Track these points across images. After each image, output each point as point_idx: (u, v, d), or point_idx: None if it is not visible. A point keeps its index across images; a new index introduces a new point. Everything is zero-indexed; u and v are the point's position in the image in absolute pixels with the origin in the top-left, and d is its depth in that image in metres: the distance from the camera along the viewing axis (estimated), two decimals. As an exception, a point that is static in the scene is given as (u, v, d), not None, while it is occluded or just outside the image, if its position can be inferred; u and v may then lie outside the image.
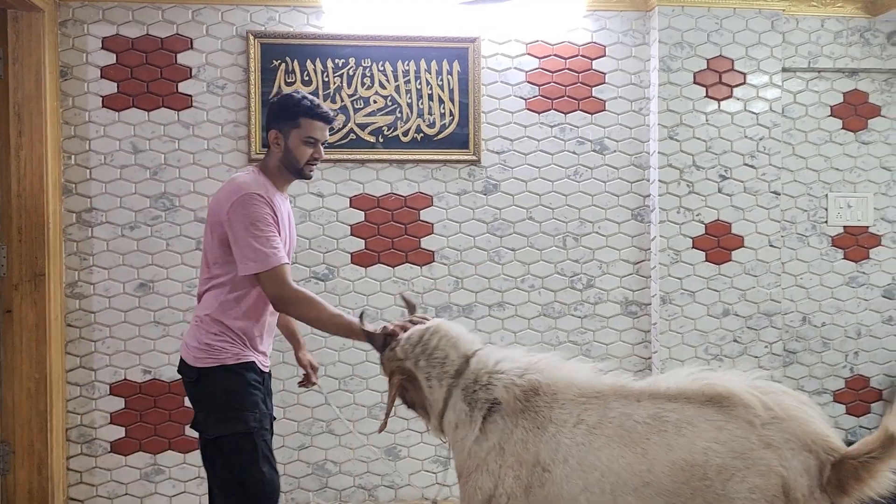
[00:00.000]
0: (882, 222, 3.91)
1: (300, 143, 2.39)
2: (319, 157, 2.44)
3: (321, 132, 2.42)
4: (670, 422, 1.89)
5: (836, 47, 3.80)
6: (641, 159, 3.74)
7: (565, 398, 2.01)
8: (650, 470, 1.86)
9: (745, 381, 1.92)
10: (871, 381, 3.91)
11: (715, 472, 1.81)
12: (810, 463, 1.80)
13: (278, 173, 2.43)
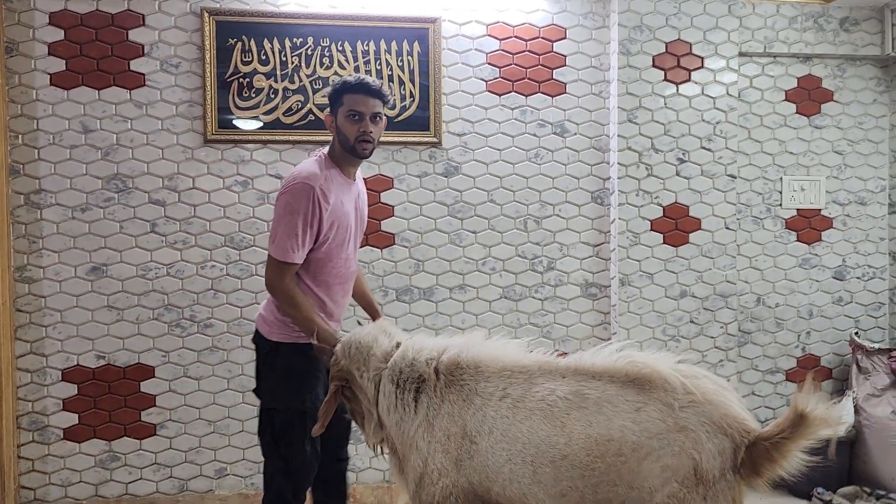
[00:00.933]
0: (833, 205, 4.00)
1: (346, 119, 2.41)
2: (368, 131, 2.41)
3: (365, 104, 2.41)
4: (591, 399, 1.93)
5: (790, 32, 3.86)
6: (601, 142, 3.77)
7: (490, 372, 2.05)
8: (568, 443, 1.90)
9: (669, 364, 1.96)
10: (822, 360, 4.01)
11: (630, 450, 1.86)
12: (725, 445, 1.84)
13: (339, 157, 2.47)
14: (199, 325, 3.48)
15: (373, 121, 2.43)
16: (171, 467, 3.48)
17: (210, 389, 3.49)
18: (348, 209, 2.47)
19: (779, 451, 1.82)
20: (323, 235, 2.40)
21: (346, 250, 2.50)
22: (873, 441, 3.67)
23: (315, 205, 2.34)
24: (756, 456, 1.84)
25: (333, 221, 2.41)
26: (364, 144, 2.42)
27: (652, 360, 1.97)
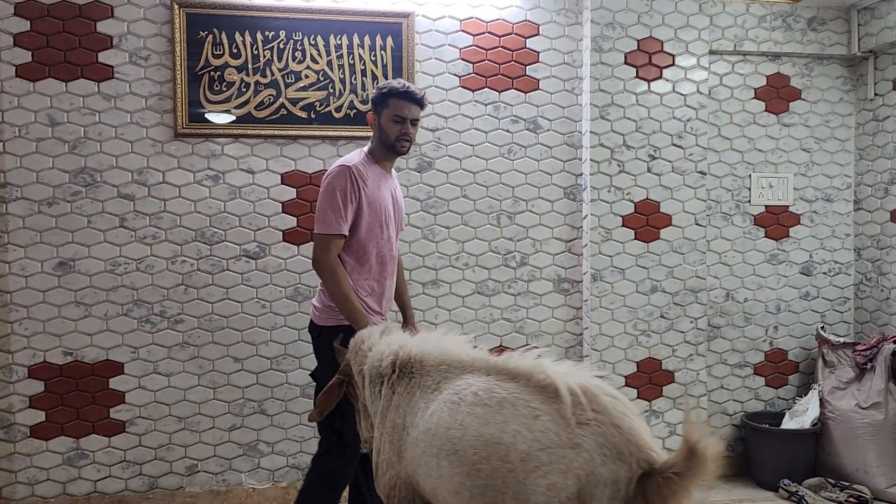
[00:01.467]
0: (801, 202, 4.07)
1: (389, 121, 2.69)
2: (408, 133, 2.70)
3: (409, 110, 2.68)
4: (497, 398, 1.83)
5: (760, 31, 3.91)
6: (574, 138, 3.79)
7: (431, 366, 2.05)
8: (461, 438, 1.83)
9: (578, 377, 1.78)
10: (789, 354, 4.08)
11: (518, 459, 1.72)
12: (620, 474, 1.66)
13: (378, 152, 2.75)
14: (169, 321, 3.44)
15: (412, 124, 2.72)
16: (141, 464, 3.44)
17: (180, 386, 3.46)
18: (385, 195, 2.72)
19: (669, 488, 1.62)
20: (364, 213, 2.63)
21: (387, 231, 2.72)
22: (838, 433, 3.74)
23: (353, 182, 2.61)
24: (648, 490, 1.65)
25: (372, 202, 2.65)
26: (403, 143, 2.71)
27: (553, 370, 1.81)
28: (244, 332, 3.51)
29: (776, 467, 3.76)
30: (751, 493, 3.75)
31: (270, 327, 3.53)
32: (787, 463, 3.75)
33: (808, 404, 3.87)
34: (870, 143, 3.99)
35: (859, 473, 3.66)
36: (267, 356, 3.53)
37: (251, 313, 3.51)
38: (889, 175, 3.86)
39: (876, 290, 3.96)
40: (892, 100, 3.85)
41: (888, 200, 3.87)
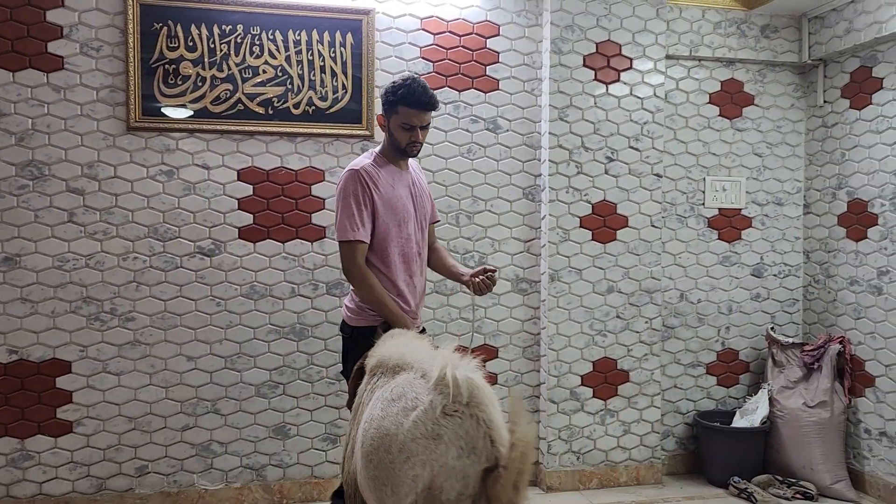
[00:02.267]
0: (753, 205, 4.16)
1: (398, 128, 2.63)
2: (418, 140, 2.65)
3: (418, 118, 2.61)
4: (398, 392, 1.86)
5: (715, 37, 3.99)
6: (533, 139, 3.81)
7: (389, 367, 2.09)
8: (367, 431, 1.86)
9: (463, 369, 1.77)
10: (740, 353, 4.17)
11: (397, 449, 1.73)
12: (470, 470, 1.66)
13: (389, 153, 2.72)
14: (119, 319, 3.36)
15: (422, 129, 2.66)
16: (89, 466, 3.35)
17: (131, 385, 3.38)
18: (401, 193, 2.68)
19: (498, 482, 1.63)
20: (379, 214, 2.61)
21: (406, 230, 2.68)
22: (786, 431, 3.84)
23: (363, 185, 2.58)
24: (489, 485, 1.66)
25: (386, 202, 2.63)
26: (413, 147, 2.67)
27: (444, 361, 1.80)
28: (198, 331, 3.45)
29: (727, 465, 3.84)
30: (702, 491, 3.82)
31: (225, 325, 3.47)
32: (738, 460, 3.83)
33: (757, 403, 3.95)
34: (819, 149, 4.10)
35: (805, 470, 3.76)
36: (221, 355, 3.48)
37: (205, 311, 3.45)
38: (837, 180, 3.97)
39: (823, 291, 4.07)
40: (840, 107, 3.96)
41: (836, 205, 3.98)
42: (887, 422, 3.63)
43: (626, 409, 3.85)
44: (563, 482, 3.75)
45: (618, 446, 3.85)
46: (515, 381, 3.82)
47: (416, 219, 2.74)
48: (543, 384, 3.79)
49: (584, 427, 3.79)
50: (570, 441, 3.77)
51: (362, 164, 2.63)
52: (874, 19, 3.58)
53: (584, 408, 3.79)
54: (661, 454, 3.97)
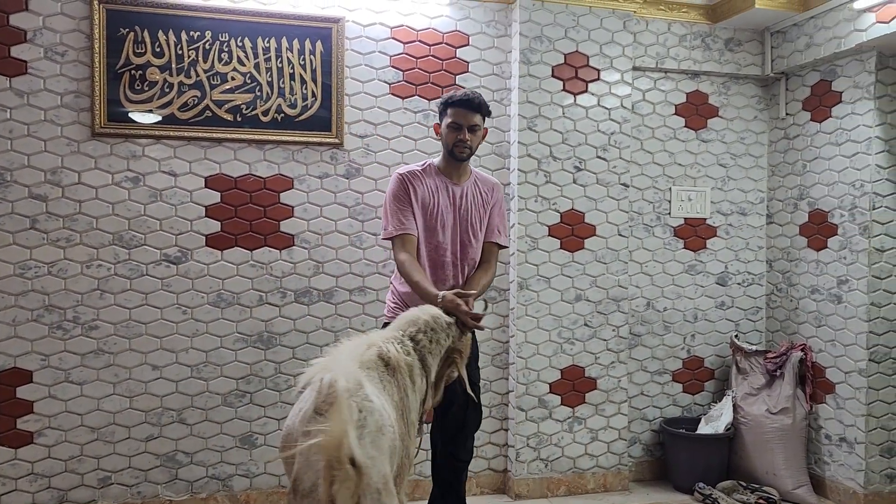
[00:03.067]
0: (717, 215, 4.23)
1: (447, 128, 2.86)
2: (465, 138, 2.83)
3: (465, 117, 2.83)
4: (306, 392, 1.95)
5: (680, 50, 4.06)
6: (502, 148, 3.84)
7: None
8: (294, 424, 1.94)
9: (340, 372, 1.84)
10: (705, 361, 4.24)
11: (293, 444, 1.81)
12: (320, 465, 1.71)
13: (443, 161, 2.93)
14: (83, 327, 3.31)
15: (471, 130, 2.84)
16: (50, 477, 3.29)
17: (94, 395, 3.33)
18: (440, 201, 2.87)
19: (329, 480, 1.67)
20: (416, 213, 2.83)
21: (436, 237, 2.86)
22: (749, 437, 3.90)
23: (402, 183, 2.85)
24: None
25: (423, 205, 2.85)
26: (461, 149, 2.85)
27: (333, 357, 2.00)
28: (163, 339, 3.41)
29: (692, 471, 3.89)
30: (668, 497, 3.87)
31: (191, 334, 3.44)
32: (703, 467, 3.88)
33: (722, 410, 4.02)
34: (781, 160, 4.20)
35: (769, 476, 3.82)
36: (187, 364, 3.44)
37: (171, 320, 3.41)
38: (798, 191, 4.06)
39: (786, 300, 4.15)
40: (801, 119, 4.05)
41: (797, 215, 4.07)
42: (847, 427, 3.71)
43: (593, 417, 3.89)
44: (531, 489, 3.77)
45: (585, 453, 3.88)
46: (484, 389, 3.83)
47: (457, 230, 2.89)
48: (512, 392, 3.81)
49: (552, 434, 3.82)
50: (539, 448, 3.79)
51: (407, 170, 2.90)
52: (833, 34, 3.67)
53: (552, 415, 3.82)
54: (628, 461, 4.01)
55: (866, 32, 3.47)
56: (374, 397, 1.91)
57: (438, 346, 2.39)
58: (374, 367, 2.13)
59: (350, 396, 1.79)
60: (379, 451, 1.84)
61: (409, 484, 3.71)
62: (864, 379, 3.61)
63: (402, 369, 2.20)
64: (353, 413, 1.78)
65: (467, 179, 2.96)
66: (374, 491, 1.76)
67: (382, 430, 1.88)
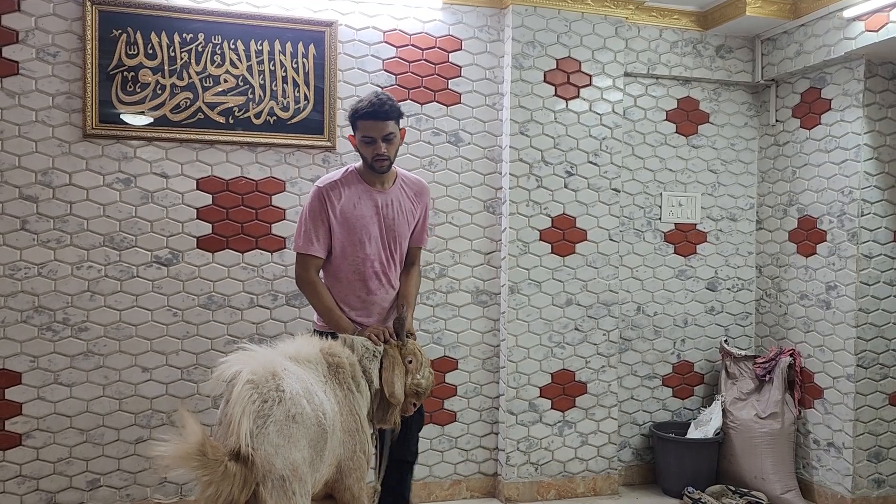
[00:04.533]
0: (708, 220, 4.26)
1: (361, 142, 2.71)
2: (381, 152, 2.68)
3: (375, 130, 2.66)
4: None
5: (672, 56, 4.09)
6: (494, 153, 3.85)
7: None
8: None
9: (259, 361, 2.04)
10: (695, 366, 4.25)
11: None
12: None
13: (363, 170, 2.79)
14: (72, 329, 3.30)
15: (386, 140, 2.68)
16: (38, 479, 3.27)
17: (83, 397, 3.32)
18: (364, 213, 2.73)
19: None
20: (335, 232, 2.71)
21: (362, 251, 2.73)
22: (738, 442, 3.92)
23: (321, 202, 2.71)
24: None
25: (343, 221, 2.71)
26: (380, 163, 2.70)
27: (253, 351, 2.10)
28: (154, 341, 3.40)
29: (681, 475, 3.90)
30: (657, 501, 3.88)
31: (182, 336, 3.43)
32: (692, 471, 3.90)
33: (711, 414, 4.03)
34: (771, 167, 4.22)
35: (757, 480, 3.84)
36: (178, 366, 3.43)
37: (162, 321, 3.40)
38: (788, 197, 4.09)
39: (775, 305, 4.18)
40: (791, 126, 4.08)
41: (787, 221, 4.10)
42: (834, 433, 3.74)
43: (583, 421, 3.90)
44: (521, 493, 3.78)
45: (575, 457, 3.89)
46: (475, 393, 3.84)
47: (384, 239, 2.77)
48: (502, 396, 3.82)
49: (542, 438, 3.82)
50: (529, 452, 3.80)
51: (327, 181, 2.74)
52: (823, 42, 3.71)
53: (542, 419, 3.83)
54: (618, 465, 4.03)
55: (855, 41, 3.50)
56: (288, 388, 2.01)
57: (374, 358, 2.52)
58: (317, 363, 2.27)
59: (254, 388, 1.92)
60: (286, 440, 1.94)
61: (399, 487, 3.71)
62: (853, 384, 3.64)
63: (344, 367, 2.34)
64: (252, 403, 1.89)
65: (392, 185, 2.82)
66: (277, 478, 1.88)
67: (295, 419, 1.98)
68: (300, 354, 2.26)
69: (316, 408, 2.09)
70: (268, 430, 1.91)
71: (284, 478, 1.90)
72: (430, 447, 3.77)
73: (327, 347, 2.37)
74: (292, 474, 1.92)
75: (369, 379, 2.45)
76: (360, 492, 2.33)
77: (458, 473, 3.83)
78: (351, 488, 2.32)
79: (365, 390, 2.43)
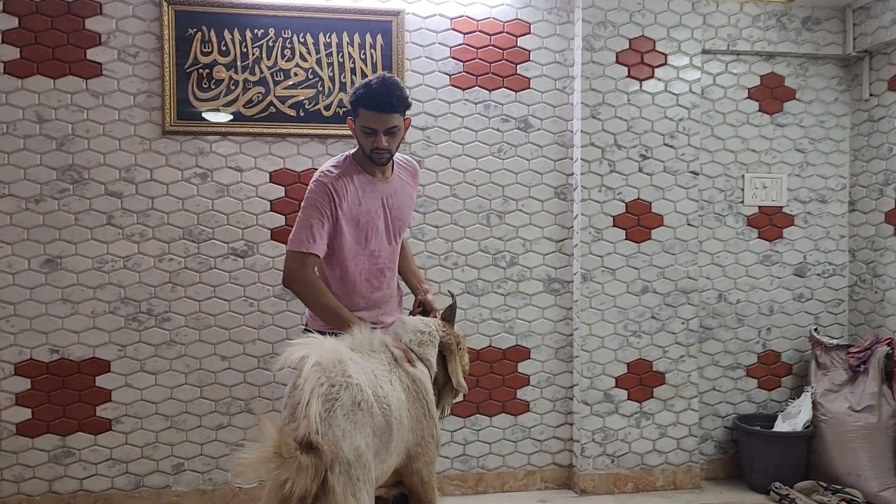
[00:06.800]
0: (795, 203, 4.03)
1: (360, 132, 2.42)
2: (382, 146, 2.40)
3: (377, 122, 2.36)
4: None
5: (754, 31, 3.88)
6: (565, 138, 3.76)
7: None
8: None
9: (324, 349, 2.00)
10: (783, 356, 4.05)
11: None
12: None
13: (361, 159, 2.50)
14: (156, 319, 3.43)
15: (388, 134, 2.40)
16: (127, 463, 3.43)
17: (167, 384, 3.45)
18: (369, 207, 2.47)
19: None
20: (342, 230, 2.44)
21: (369, 247, 2.50)
22: (830, 436, 3.70)
23: (329, 200, 2.40)
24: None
25: (351, 218, 2.44)
26: (379, 156, 2.43)
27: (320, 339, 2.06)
28: (231, 331, 3.50)
29: (767, 470, 3.72)
30: (741, 496, 3.72)
31: (258, 326, 3.52)
32: (779, 466, 3.71)
33: (800, 407, 3.83)
34: (865, 144, 3.96)
35: (851, 477, 3.62)
36: (254, 355, 3.52)
37: (238, 312, 3.50)
38: (884, 176, 3.83)
39: (870, 291, 3.92)
40: (887, 100, 3.81)
41: (883, 201, 3.84)
42: (938, 427, 3.48)
43: (662, 412, 3.77)
44: (597, 485, 3.70)
45: (654, 450, 3.77)
46: (548, 383, 3.78)
47: (389, 233, 2.55)
48: (576, 385, 3.74)
49: (618, 430, 3.73)
50: (604, 444, 3.71)
51: (331, 174, 2.44)
52: (921, 8, 3.44)
53: (618, 410, 3.73)
54: (699, 458, 3.88)
55: (959, 4, 3.23)
56: (354, 374, 2.00)
57: (431, 343, 2.45)
58: (381, 352, 2.26)
59: (322, 372, 1.92)
60: (352, 425, 1.93)
61: (472, 477, 3.70)
62: (958, 376, 3.38)
63: (401, 359, 2.31)
64: (320, 386, 1.89)
65: (392, 172, 2.57)
66: (343, 462, 1.87)
67: (360, 406, 1.97)
68: (364, 345, 2.25)
69: (381, 399, 2.09)
70: (336, 414, 1.91)
71: (349, 462, 1.90)
72: (503, 437, 3.74)
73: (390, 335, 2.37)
74: (357, 460, 1.92)
75: (427, 364, 2.42)
76: (428, 476, 2.32)
77: (532, 464, 3.78)
78: (419, 472, 2.30)
79: (426, 374, 2.40)
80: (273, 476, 1.78)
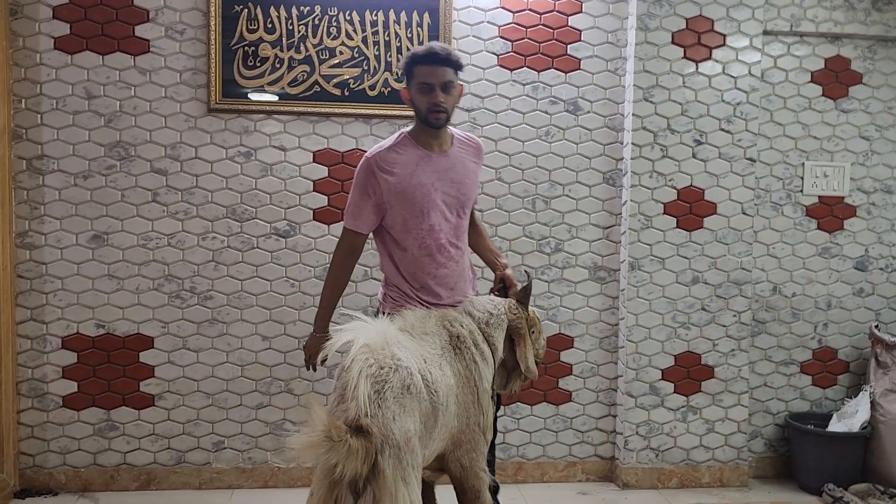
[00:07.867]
0: (858, 193, 3.84)
1: (417, 91, 2.42)
2: (438, 100, 2.39)
3: (433, 75, 2.39)
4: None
5: (819, 11, 3.68)
6: (615, 121, 3.64)
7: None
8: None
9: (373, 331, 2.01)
10: (839, 352, 3.87)
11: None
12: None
13: (418, 131, 2.51)
14: (199, 297, 3.44)
15: (444, 90, 2.40)
16: (169, 439, 3.46)
17: (209, 362, 3.46)
18: (423, 180, 2.44)
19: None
20: (392, 205, 2.44)
21: (427, 221, 2.45)
22: (890, 438, 3.53)
23: (371, 176, 2.43)
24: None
25: (402, 192, 2.42)
26: (436, 115, 2.41)
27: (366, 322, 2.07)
28: (273, 311, 3.49)
29: (821, 471, 3.57)
30: (792, 497, 3.58)
31: (299, 307, 3.50)
32: (833, 467, 3.56)
33: (857, 406, 3.66)
34: (936, 132, 3.74)
35: (911, 482, 3.46)
36: (295, 336, 3.51)
37: (280, 292, 3.49)
38: (956, 166, 3.61)
39: (937, 288, 3.72)
40: (962, 85, 3.59)
41: (954, 193, 3.63)
42: None
43: (710, 407, 3.65)
44: (640, 479, 3.60)
45: (700, 445, 3.65)
46: (591, 373, 3.69)
47: (450, 207, 2.50)
48: (621, 377, 3.64)
49: (663, 423, 3.62)
50: (649, 437, 3.61)
51: (377, 151, 2.47)
52: None
53: (664, 403, 3.62)
54: (748, 456, 3.74)
55: None
56: (403, 357, 1.98)
57: (499, 326, 2.40)
58: (435, 335, 2.22)
59: (370, 354, 1.91)
60: (402, 409, 1.90)
61: (512, 466, 3.64)
62: None
63: (464, 338, 2.27)
64: (369, 367, 1.88)
65: (451, 145, 2.54)
66: (394, 445, 1.83)
67: (409, 390, 1.94)
68: (416, 327, 2.21)
69: (428, 384, 2.05)
70: (385, 396, 1.88)
71: (400, 446, 1.86)
72: (543, 426, 3.66)
73: (447, 317, 2.31)
74: (406, 444, 1.88)
75: (493, 347, 2.35)
76: (470, 463, 2.27)
77: (574, 455, 3.70)
78: (460, 459, 2.26)
79: (489, 358, 2.35)
80: (323, 460, 1.74)
